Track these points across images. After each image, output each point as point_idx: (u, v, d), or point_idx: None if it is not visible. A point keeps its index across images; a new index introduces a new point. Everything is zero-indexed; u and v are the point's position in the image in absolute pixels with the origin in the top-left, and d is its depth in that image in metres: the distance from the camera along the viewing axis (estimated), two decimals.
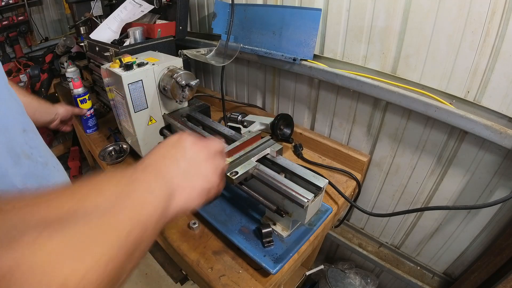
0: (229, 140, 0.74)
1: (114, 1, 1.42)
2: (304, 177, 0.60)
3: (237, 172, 0.57)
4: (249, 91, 1.25)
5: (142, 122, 0.85)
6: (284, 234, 0.67)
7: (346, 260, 1.23)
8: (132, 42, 1.12)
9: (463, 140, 0.74)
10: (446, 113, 0.67)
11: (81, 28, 1.47)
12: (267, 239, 0.65)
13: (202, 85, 1.49)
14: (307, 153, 1.01)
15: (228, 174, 0.57)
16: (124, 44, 1.07)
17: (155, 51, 1.01)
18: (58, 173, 0.57)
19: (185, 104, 0.93)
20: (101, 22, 1.28)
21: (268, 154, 0.66)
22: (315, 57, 0.90)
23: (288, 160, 0.66)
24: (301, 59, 0.89)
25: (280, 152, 0.67)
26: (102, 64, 0.87)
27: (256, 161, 0.63)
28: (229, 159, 0.61)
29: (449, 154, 0.78)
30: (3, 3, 1.81)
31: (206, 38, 1.24)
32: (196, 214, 0.76)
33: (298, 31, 0.89)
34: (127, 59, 0.77)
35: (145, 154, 0.91)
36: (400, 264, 1.04)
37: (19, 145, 0.47)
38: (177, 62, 0.86)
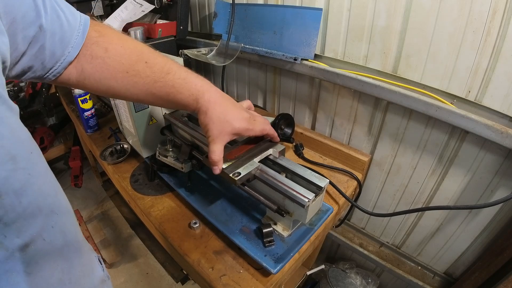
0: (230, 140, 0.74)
1: (115, 1, 1.43)
2: (305, 177, 0.60)
3: (239, 173, 0.57)
4: (250, 90, 1.25)
5: (143, 122, 0.85)
6: (285, 233, 0.67)
7: (347, 260, 1.23)
8: None
9: (464, 140, 0.74)
10: (447, 113, 0.67)
11: None
12: (268, 239, 0.65)
13: None
14: (308, 153, 1.01)
15: (231, 175, 0.56)
16: None
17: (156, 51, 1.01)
18: None
19: None
20: (102, 22, 1.29)
21: (270, 154, 0.66)
22: (316, 56, 0.90)
23: (289, 160, 0.66)
24: (302, 59, 0.89)
25: (282, 152, 0.66)
26: None
27: (258, 162, 0.62)
28: (232, 160, 0.60)
29: (450, 154, 0.78)
30: None
31: (207, 38, 1.24)
32: (197, 214, 0.76)
33: (299, 31, 0.89)
34: None
35: (146, 154, 0.91)
36: (401, 264, 1.04)
37: None
38: (178, 61, 0.86)
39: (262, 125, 0.57)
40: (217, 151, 0.52)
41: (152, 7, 1.18)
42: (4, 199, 0.26)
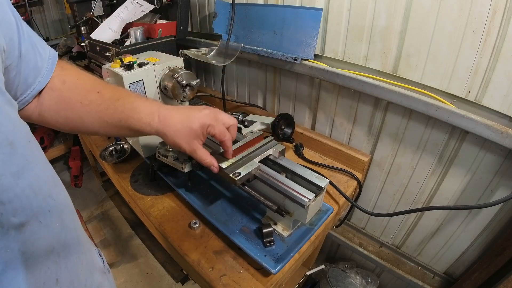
0: None
1: (115, 1, 1.42)
2: (305, 177, 0.60)
3: (239, 173, 0.57)
4: (250, 90, 1.25)
5: None
6: (285, 234, 0.67)
7: (347, 260, 1.23)
8: (133, 42, 1.12)
9: (464, 140, 0.74)
10: (447, 113, 0.67)
11: (82, 28, 1.48)
12: (268, 239, 0.65)
13: (203, 85, 1.49)
14: (308, 153, 1.01)
15: (231, 175, 0.56)
16: (125, 44, 1.07)
17: (156, 51, 1.01)
18: None
19: (186, 104, 0.93)
20: (102, 22, 1.29)
21: (270, 155, 0.66)
22: (316, 56, 0.90)
23: (289, 160, 0.66)
24: (302, 59, 0.89)
25: (282, 152, 0.66)
26: (103, 64, 0.87)
27: (258, 162, 0.63)
28: (232, 160, 0.60)
29: (450, 154, 0.78)
30: None
31: (207, 38, 1.24)
32: (197, 214, 0.76)
33: (299, 31, 0.89)
34: (128, 59, 0.77)
35: (146, 154, 0.91)
36: (401, 264, 1.04)
37: None
38: (178, 62, 0.86)
39: (221, 113, 0.56)
40: (202, 156, 0.54)
41: (152, 7, 1.18)
42: (1, 179, 0.28)
